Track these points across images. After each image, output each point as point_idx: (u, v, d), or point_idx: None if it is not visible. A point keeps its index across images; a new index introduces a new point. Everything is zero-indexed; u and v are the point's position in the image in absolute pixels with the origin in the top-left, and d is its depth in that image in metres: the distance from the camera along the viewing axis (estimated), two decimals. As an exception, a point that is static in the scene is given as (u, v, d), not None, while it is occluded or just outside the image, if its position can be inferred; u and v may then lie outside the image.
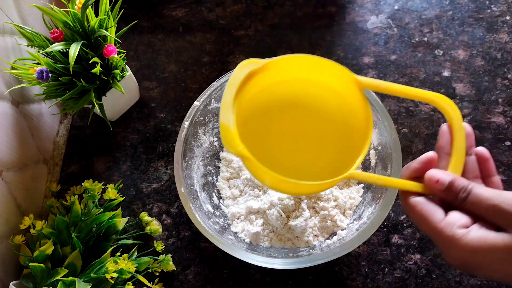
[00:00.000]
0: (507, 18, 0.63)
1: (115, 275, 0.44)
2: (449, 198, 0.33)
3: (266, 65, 0.38)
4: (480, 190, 0.32)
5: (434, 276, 0.49)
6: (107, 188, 0.52)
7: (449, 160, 0.36)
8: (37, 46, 0.51)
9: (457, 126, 0.36)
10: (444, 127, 0.37)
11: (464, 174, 0.36)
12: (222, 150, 0.57)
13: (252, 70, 0.38)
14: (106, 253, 0.47)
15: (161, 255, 0.51)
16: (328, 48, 0.64)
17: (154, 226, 0.52)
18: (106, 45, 0.51)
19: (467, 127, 0.36)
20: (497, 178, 0.36)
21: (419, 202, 0.33)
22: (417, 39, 0.63)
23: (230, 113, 0.36)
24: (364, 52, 0.63)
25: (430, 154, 0.35)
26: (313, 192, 0.44)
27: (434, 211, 0.32)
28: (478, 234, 0.30)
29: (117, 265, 0.44)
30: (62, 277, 0.44)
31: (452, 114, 0.36)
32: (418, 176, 0.35)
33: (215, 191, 0.54)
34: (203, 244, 0.53)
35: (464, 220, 0.31)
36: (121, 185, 0.57)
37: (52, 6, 0.51)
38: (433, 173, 0.33)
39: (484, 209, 0.31)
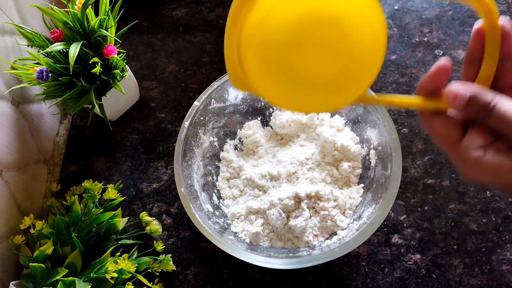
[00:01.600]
0: (507, 18, 0.63)
1: (115, 275, 0.44)
2: (471, 114, 0.30)
3: None
4: (504, 106, 0.28)
5: (434, 276, 0.49)
6: (107, 188, 0.52)
7: (479, 68, 0.31)
8: (37, 46, 0.51)
9: (491, 25, 0.29)
10: (476, 27, 0.31)
11: (495, 82, 0.31)
12: (222, 150, 0.57)
13: None
14: (106, 253, 0.47)
15: (161, 255, 0.51)
16: (328, 48, 0.64)
17: (154, 226, 0.52)
18: (106, 45, 0.51)
19: (505, 25, 0.30)
20: None
21: (436, 122, 0.31)
22: (417, 39, 0.63)
23: (235, 39, 0.30)
24: (364, 52, 0.63)
25: (442, 62, 0.30)
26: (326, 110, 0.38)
27: (451, 131, 0.30)
28: (494, 159, 0.28)
29: (117, 265, 0.44)
30: (62, 277, 0.44)
31: (486, 9, 0.29)
32: (435, 89, 0.31)
33: (215, 191, 0.54)
34: (203, 244, 0.53)
35: (482, 140, 0.29)
36: (121, 185, 0.57)
37: (52, 6, 0.51)
38: (452, 88, 0.30)
39: (506, 127, 0.28)
